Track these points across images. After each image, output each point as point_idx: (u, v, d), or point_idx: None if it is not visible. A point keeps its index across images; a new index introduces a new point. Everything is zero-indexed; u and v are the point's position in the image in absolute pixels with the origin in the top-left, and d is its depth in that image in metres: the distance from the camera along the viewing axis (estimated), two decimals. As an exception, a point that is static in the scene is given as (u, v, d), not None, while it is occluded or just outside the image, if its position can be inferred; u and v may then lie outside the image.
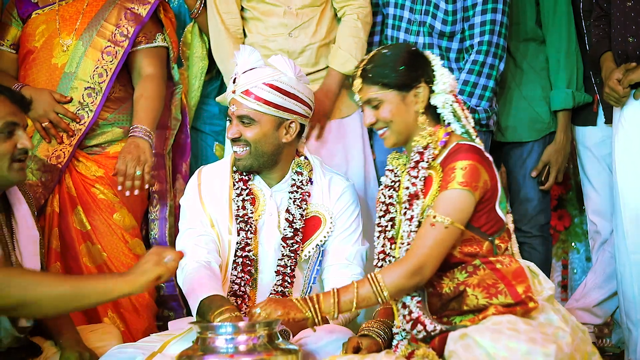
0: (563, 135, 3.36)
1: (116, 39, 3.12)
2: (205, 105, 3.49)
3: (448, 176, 2.31)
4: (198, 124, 3.50)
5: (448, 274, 2.33)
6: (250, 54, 2.73)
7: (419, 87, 2.42)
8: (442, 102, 2.43)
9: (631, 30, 2.96)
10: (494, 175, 2.36)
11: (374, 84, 2.42)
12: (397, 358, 2.20)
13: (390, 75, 2.40)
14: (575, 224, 4.14)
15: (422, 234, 2.29)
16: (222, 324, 2.20)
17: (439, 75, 2.43)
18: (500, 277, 2.26)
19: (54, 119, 3.04)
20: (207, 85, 3.49)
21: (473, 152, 2.33)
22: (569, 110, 3.35)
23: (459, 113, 2.45)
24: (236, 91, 2.68)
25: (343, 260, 2.72)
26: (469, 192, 2.28)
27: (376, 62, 2.44)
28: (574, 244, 4.11)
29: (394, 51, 2.47)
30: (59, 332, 2.65)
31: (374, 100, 2.43)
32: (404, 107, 2.42)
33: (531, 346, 2.02)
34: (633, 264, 2.94)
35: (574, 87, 3.33)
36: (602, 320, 3.45)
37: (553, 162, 3.36)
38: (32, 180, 3.05)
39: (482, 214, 2.34)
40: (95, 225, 3.08)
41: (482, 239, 2.34)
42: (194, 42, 3.41)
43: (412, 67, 2.42)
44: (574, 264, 4.11)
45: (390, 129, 2.44)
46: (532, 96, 3.40)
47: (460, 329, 2.15)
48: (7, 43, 3.18)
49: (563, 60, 3.33)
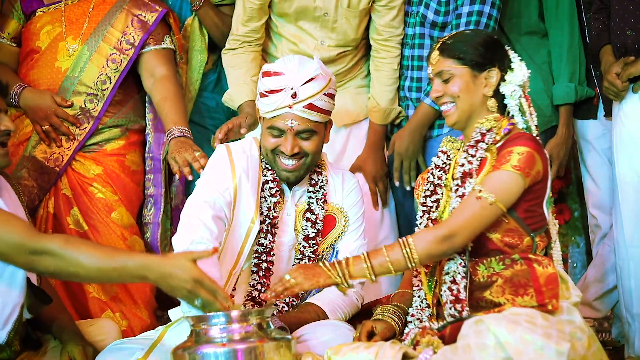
0: (565, 129, 3.36)
1: (122, 46, 3.12)
2: (202, 98, 3.48)
3: (503, 158, 2.33)
4: (197, 117, 3.48)
5: (484, 262, 2.34)
6: (307, 62, 2.60)
7: (492, 71, 2.45)
8: (510, 92, 2.46)
9: (630, 24, 2.96)
10: (547, 170, 2.38)
11: (450, 57, 2.45)
12: (402, 348, 2.20)
13: (468, 52, 2.44)
14: (576, 218, 4.14)
15: (463, 205, 2.32)
16: (214, 314, 2.19)
17: (515, 66, 2.47)
18: (534, 278, 2.27)
19: (55, 122, 3.04)
20: (204, 78, 3.47)
21: (533, 142, 2.36)
22: (571, 104, 3.35)
23: (525, 108, 2.48)
24: (295, 107, 2.54)
25: (347, 255, 2.70)
26: (521, 177, 2.30)
27: (457, 38, 2.48)
28: (574, 238, 4.10)
29: (476, 32, 2.58)
30: (60, 326, 2.65)
31: (446, 73, 2.45)
32: (473, 86, 2.45)
33: (546, 341, 2.03)
34: (632, 258, 2.95)
35: (576, 82, 3.33)
36: (602, 314, 3.45)
37: (555, 156, 3.36)
38: (28, 182, 3.04)
39: (529, 206, 2.35)
40: (93, 225, 3.08)
41: (525, 233, 2.36)
42: (194, 35, 3.40)
43: (490, 50, 2.46)
44: (574, 257, 4.10)
45: (455, 105, 2.46)
46: (533, 90, 3.38)
47: (477, 316, 2.16)
48: (7, 36, 3.17)
49: (566, 55, 3.33)
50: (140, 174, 3.24)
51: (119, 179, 3.13)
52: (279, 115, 2.56)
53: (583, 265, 4.21)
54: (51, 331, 2.67)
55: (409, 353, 2.19)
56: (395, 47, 3.22)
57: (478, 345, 2.04)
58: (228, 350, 2.14)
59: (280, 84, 2.55)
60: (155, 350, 2.44)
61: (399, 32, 3.21)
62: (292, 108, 2.54)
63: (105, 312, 3.04)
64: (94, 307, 3.04)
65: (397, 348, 2.19)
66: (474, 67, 2.44)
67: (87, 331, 2.73)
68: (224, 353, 2.13)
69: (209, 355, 2.14)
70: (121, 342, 2.59)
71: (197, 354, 2.15)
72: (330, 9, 3.12)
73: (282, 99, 2.54)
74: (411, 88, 3.28)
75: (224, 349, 2.14)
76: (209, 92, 3.50)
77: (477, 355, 2.03)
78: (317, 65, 2.58)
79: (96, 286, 3.04)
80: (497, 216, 2.31)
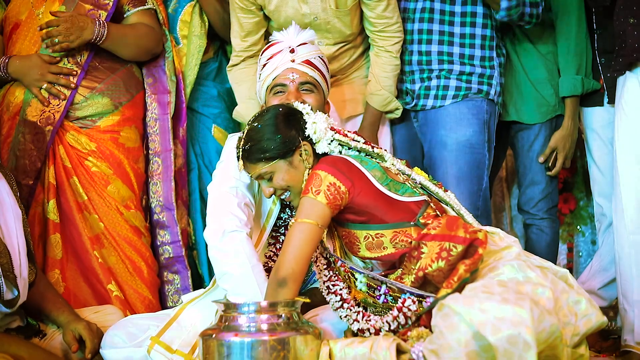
0: (571, 121, 3.37)
1: (99, 2, 3.12)
2: (203, 86, 3.47)
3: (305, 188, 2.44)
4: (196, 105, 3.48)
5: (404, 270, 2.39)
6: (303, 30, 2.80)
7: (300, 147, 2.50)
8: (327, 148, 2.54)
9: (633, 12, 2.95)
10: (355, 175, 2.44)
11: (258, 161, 2.49)
12: (395, 340, 2.22)
13: (270, 149, 2.47)
14: (581, 207, 4.14)
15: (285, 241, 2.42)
16: (244, 303, 2.25)
17: (310, 125, 2.52)
18: (440, 238, 2.28)
19: (52, 78, 3.05)
20: (205, 67, 3.48)
21: (322, 164, 2.46)
22: (577, 96, 3.35)
23: (345, 140, 2.55)
24: (296, 60, 2.73)
25: None
26: (311, 197, 2.40)
27: (253, 140, 2.50)
28: (580, 227, 4.11)
29: (265, 122, 2.52)
30: (57, 312, 2.69)
31: (265, 174, 2.51)
32: (293, 170, 2.51)
33: (503, 306, 2.02)
34: (632, 244, 2.92)
35: (583, 74, 3.32)
36: (608, 303, 3.44)
37: (560, 148, 3.37)
38: (25, 145, 3.05)
39: (381, 208, 2.43)
40: (90, 196, 3.10)
41: (406, 228, 2.42)
42: (194, 20, 3.39)
43: (287, 132, 2.50)
44: (580, 247, 4.11)
45: (291, 193, 2.54)
46: (537, 79, 3.40)
47: (440, 301, 2.17)
48: None
49: (573, 47, 3.31)
50: (137, 151, 3.23)
51: (112, 156, 3.14)
52: (281, 73, 2.74)
53: (588, 254, 4.22)
54: (50, 319, 2.71)
55: (402, 345, 2.22)
56: (392, 36, 3.18)
57: (447, 327, 2.05)
58: (255, 340, 2.17)
59: (279, 47, 2.77)
60: (171, 328, 2.49)
61: (393, 21, 3.16)
62: (294, 62, 2.72)
63: (114, 278, 3.08)
64: (104, 272, 3.07)
65: (391, 340, 2.22)
66: (284, 156, 2.49)
67: (92, 318, 2.76)
68: (251, 343, 2.17)
69: (236, 344, 2.18)
70: (132, 318, 2.66)
71: (225, 342, 2.19)
72: (319, 13, 3.09)
73: (281, 58, 2.74)
74: (421, 62, 3.27)
75: (251, 339, 2.18)
76: (210, 81, 3.49)
77: (450, 337, 2.04)
78: (311, 33, 2.81)
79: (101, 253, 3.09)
80: (318, 235, 2.39)
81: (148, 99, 3.29)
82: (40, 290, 2.70)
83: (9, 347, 2.40)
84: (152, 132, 3.28)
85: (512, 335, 1.98)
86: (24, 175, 3.04)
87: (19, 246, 2.53)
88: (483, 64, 3.24)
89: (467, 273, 2.20)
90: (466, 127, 3.19)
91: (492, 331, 1.98)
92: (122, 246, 3.11)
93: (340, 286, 2.48)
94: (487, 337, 1.98)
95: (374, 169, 2.49)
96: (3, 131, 3.11)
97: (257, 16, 3.15)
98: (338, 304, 2.46)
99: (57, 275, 3.03)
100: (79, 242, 3.08)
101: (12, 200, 2.61)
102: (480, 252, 2.22)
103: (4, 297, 2.44)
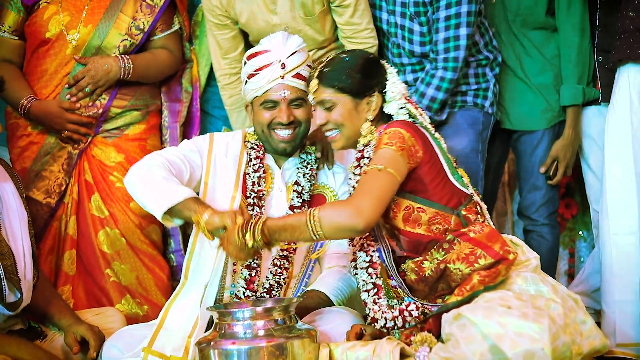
0: (572, 130, 3.35)
1: (132, 32, 3.15)
2: (214, 88, 3.48)
3: (378, 145, 2.43)
4: (206, 107, 3.52)
5: (427, 256, 2.40)
6: (291, 36, 2.80)
7: (372, 96, 2.52)
8: (395, 110, 2.53)
9: (633, 5, 2.93)
10: (428, 145, 2.45)
11: (330, 86, 2.51)
12: (399, 344, 2.24)
13: (346, 81, 2.50)
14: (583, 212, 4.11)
15: (359, 184, 2.38)
16: (239, 310, 2.25)
17: (390, 84, 2.53)
18: (476, 243, 2.32)
19: (71, 128, 3.08)
20: None
21: (401, 123, 2.45)
22: (578, 105, 3.33)
23: (414, 112, 2.54)
24: (286, 77, 2.74)
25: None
26: (394, 150, 2.37)
27: (334, 66, 2.52)
28: (581, 232, 4.08)
29: (352, 57, 2.55)
30: (59, 314, 2.70)
31: (328, 102, 2.52)
32: (355, 113, 2.52)
33: (523, 322, 2.07)
34: (613, 245, 2.92)
35: (584, 83, 3.32)
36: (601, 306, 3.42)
37: (561, 157, 3.36)
38: (54, 167, 3.09)
39: (436, 185, 2.43)
40: (112, 212, 3.12)
41: (447, 214, 2.43)
42: (205, 21, 3.37)
43: (368, 76, 2.52)
44: (581, 252, 4.08)
45: (340, 132, 2.54)
46: (542, 84, 3.38)
47: (452, 309, 2.21)
48: (8, 29, 3.14)
49: (575, 56, 3.31)
50: None
51: None
52: (271, 88, 2.75)
53: (590, 259, 4.19)
54: (51, 322, 2.72)
55: (405, 349, 2.24)
56: (363, 42, 3.19)
57: (464, 338, 2.10)
58: (252, 347, 2.17)
59: (268, 59, 2.75)
60: (159, 336, 2.47)
61: (362, 27, 3.18)
62: (283, 78, 2.73)
63: (124, 297, 3.09)
64: (114, 292, 3.08)
65: (395, 344, 2.24)
66: (354, 95, 2.51)
67: (93, 320, 2.78)
68: (247, 350, 2.17)
69: (233, 352, 2.18)
70: (130, 328, 2.67)
71: (222, 350, 2.19)
72: (290, 22, 3.13)
73: (271, 72, 2.74)
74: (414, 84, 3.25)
75: (248, 346, 2.18)
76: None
77: (466, 348, 2.09)
78: (299, 40, 2.80)
79: (117, 271, 3.10)
80: (394, 184, 2.35)
81: (163, 106, 3.35)
82: (42, 292, 2.70)
83: (11, 348, 2.41)
84: (164, 140, 3.33)
85: (529, 351, 2.03)
86: (45, 195, 3.08)
87: (24, 248, 2.56)
88: (477, 80, 3.26)
89: (480, 285, 2.24)
90: (462, 136, 3.21)
91: (511, 346, 2.04)
92: (144, 261, 3.14)
93: (373, 248, 2.48)
94: (505, 351, 2.04)
95: (439, 146, 2.53)
96: (20, 142, 3.14)
97: (233, 29, 3.21)
98: (366, 264, 2.46)
99: (67, 291, 3.06)
100: (92, 260, 3.09)
101: (18, 202, 2.63)
102: (499, 268, 2.26)
103: (6, 300, 2.46)
